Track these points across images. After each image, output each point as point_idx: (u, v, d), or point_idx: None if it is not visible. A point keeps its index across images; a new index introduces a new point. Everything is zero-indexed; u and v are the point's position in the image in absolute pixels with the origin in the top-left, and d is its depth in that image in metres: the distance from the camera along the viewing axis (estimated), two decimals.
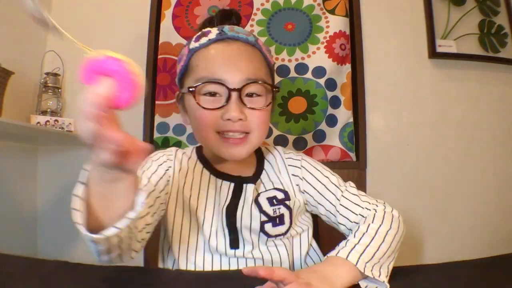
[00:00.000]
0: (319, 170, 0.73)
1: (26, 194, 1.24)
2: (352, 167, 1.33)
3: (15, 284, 0.49)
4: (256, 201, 0.67)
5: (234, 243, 0.66)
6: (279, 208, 0.68)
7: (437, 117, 1.42)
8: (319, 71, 1.31)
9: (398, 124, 1.40)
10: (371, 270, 0.52)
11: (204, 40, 0.66)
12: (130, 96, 0.33)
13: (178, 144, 1.27)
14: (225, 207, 0.66)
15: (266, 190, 0.70)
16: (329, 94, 1.33)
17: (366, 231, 0.59)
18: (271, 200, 0.69)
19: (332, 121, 1.33)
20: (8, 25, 1.15)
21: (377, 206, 0.68)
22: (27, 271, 0.54)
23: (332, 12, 1.35)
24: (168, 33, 1.30)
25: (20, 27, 1.20)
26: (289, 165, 0.75)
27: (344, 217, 0.68)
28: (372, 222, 0.62)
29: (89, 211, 0.42)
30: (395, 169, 1.38)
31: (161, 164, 0.68)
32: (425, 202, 1.37)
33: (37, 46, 1.29)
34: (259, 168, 0.73)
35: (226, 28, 0.67)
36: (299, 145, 1.31)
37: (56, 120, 1.20)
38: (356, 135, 1.35)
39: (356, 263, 0.52)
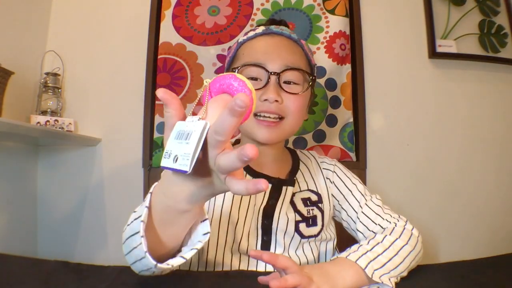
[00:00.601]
0: (348, 177, 0.77)
1: (26, 194, 1.24)
2: (352, 167, 1.31)
3: (15, 284, 0.49)
4: (291, 201, 0.69)
5: (265, 245, 0.66)
6: (312, 209, 0.70)
7: (437, 117, 1.42)
8: (319, 71, 1.31)
9: (398, 124, 1.40)
10: (379, 277, 0.52)
11: (251, 33, 0.73)
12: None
13: None
14: (261, 208, 0.67)
15: (300, 191, 0.72)
16: (329, 94, 1.33)
17: (381, 242, 0.60)
18: (305, 201, 0.71)
19: (332, 121, 1.33)
20: (8, 25, 1.15)
21: (398, 221, 0.68)
22: (27, 271, 0.54)
23: (332, 12, 1.35)
24: (168, 33, 1.30)
25: (20, 27, 1.20)
26: (323, 168, 0.78)
27: (364, 225, 0.69)
28: (390, 234, 0.63)
29: (147, 236, 0.42)
30: (395, 169, 1.38)
31: None
32: (425, 202, 1.37)
33: (37, 46, 1.29)
34: (295, 169, 0.75)
35: (273, 26, 0.73)
36: (299, 145, 1.31)
37: (56, 120, 1.20)
38: (356, 135, 1.35)
39: (365, 268, 0.52)
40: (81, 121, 1.30)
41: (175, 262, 0.41)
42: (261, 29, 0.72)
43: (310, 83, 0.70)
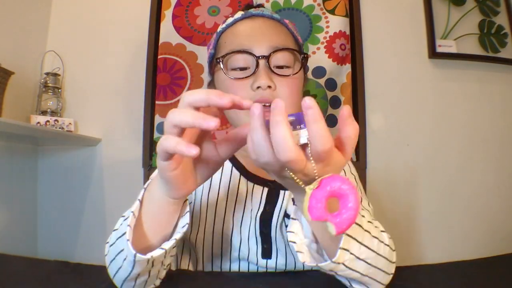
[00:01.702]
0: (349, 166, 0.72)
1: (26, 194, 1.24)
2: None
3: (15, 284, 0.49)
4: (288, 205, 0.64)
5: (267, 253, 0.62)
6: None
7: (437, 117, 1.42)
8: (319, 71, 1.31)
9: (398, 124, 1.40)
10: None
11: (230, 20, 0.67)
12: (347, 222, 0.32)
13: None
14: (258, 214, 0.62)
15: None
16: (329, 94, 1.33)
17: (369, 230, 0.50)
18: None
19: (332, 121, 1.33)
20: (8, 25, 1.15)
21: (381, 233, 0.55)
22: (27, 271, 0.54)
23: (332, 12, 1.35)
24: (168, 33, 1.30)
25: (20, 27, 1.20)
26: None
27: None
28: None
29: (136, 230, 0.42)
30: (395, 169, 1.38)
31: None
32: (425, 202, 1.37)
33: (37, 46, 1.29)
34: None
35: (252, 9, 0.68)
36: None
37: (56, 120, 1.20)
38: None
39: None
40: (81, 121, 1.30)
41: (155, 253, 0.41)
42: (239, 13, 0.67)
43: (303, 62, 0.65)
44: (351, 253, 0.44)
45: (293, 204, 0.48)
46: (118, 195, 1.29)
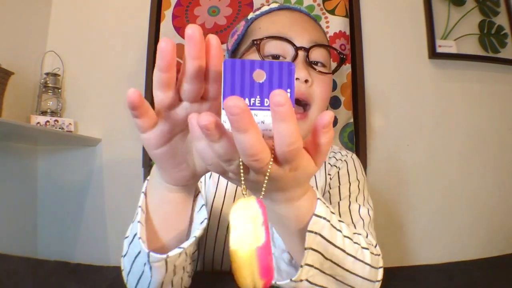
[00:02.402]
0: (349, 174, 0.66)
1: (26, 194, 1.24)
2: None
3: (15, 284, 0.49)
4: None
5: None
6: None
7: (437, 118, 1.42)
8: None
9: (398, 124, 1.40)
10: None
11: (265, 8, 0.63)
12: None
13: None
14: None
15: None
16: None
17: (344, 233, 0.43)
18: None
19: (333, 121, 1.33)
20: (8, 25, 1.15)
21: (370, 245, 0.48)
22: (27, 271, 0.54)
23: (332, 12, 1.35)
24: (168, 33, 1.30)
25: (20, 27, 1.20)
26: (328, 163, 0.69)
27: None
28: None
29: (148, 228, 0.39)
30: (395, 169, 1.38)
31: None
32: (425, 202, 1.37)
33: (37, 46, 1.29)
34: None
35: (287, 4, 0.66)
36: None
37: (56, 120, 1.20)
38: (356, 135, 1.35)
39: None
40: (81, 121, 1.30)
41: (172, 253, 0.37)
42: (276, 4, 0.64)
43: (340, 62, 0.62)
44: (315, 268, 0.40)
45: None
46: (118, 195, 1.29)
